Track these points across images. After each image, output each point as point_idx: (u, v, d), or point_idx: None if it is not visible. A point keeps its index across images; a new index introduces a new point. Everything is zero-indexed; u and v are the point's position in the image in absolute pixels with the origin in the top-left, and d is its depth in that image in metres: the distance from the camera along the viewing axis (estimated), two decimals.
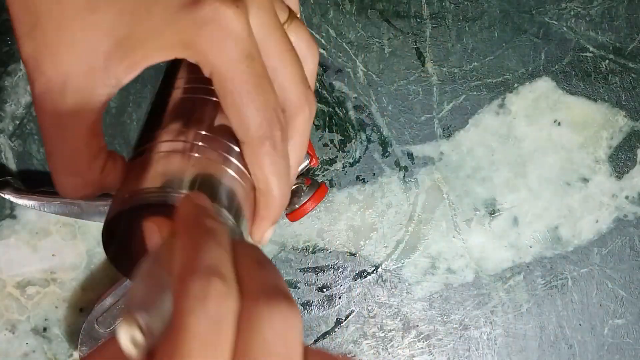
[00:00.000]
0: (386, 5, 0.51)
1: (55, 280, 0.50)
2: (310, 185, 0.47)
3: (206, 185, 0.26)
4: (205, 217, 0.22)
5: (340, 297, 0.52)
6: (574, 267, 0.53)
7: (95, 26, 0.25)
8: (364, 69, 0.51)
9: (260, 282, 0.21)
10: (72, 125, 0.26)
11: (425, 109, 0.52)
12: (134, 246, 0.28)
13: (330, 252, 0.52)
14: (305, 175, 0.48)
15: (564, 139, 0.53)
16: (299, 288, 0.52)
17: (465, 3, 0.52)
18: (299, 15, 0.32)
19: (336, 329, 0.52)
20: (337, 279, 0.52)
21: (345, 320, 0.52)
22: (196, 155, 0.27)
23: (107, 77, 0.26)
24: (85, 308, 0.50)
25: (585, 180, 0.53)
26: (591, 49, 0.52)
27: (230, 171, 0.28)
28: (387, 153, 0.52)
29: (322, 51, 0.51)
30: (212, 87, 0.27)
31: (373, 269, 0.52)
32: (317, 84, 0.51)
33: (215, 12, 0.25)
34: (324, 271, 0.52)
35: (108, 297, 0.46)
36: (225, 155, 0.28)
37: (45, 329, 0.50)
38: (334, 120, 0.51)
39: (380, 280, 0.52)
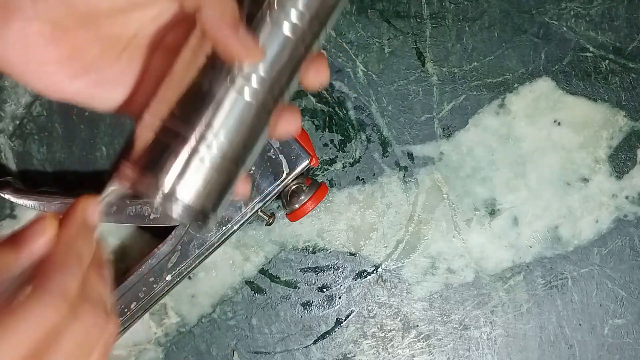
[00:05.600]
0: (386, 5, 0.51)
1: None
2: (310, 185, 0.47)
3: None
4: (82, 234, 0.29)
5: (340, 297, 0.52)
6: (574, 267, 0.53)
7: None
8: (364, 69, 0.51)
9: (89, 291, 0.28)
10: None
11: (425, 109, 0.52)
12: None
13: (330, 252, 0.52)
14: (305, 175, 0.48)
15: (564, 139, 0.53)
16: (299, 288, 0.52)
17: (465, 3, 0.52)
18: None
19: (336, 329, 0.52)
20: (337, 279, 0.52)
21: (345, 320, 0.52)
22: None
23: None
24: None
25: (585, 180, 0.53)
26: (591, 49, 0.52)
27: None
28: (387, 153, 0.52)
29: (322, 51, 0.51)
30: None
31: (373, 269, 0.52)
32: None
33: None
34: (324, 271, 0.52)
35: None
36: None
37: None
38: (334, 120, 0.51)
39: (380, 280, 0.52)
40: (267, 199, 0.47)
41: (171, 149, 0.29)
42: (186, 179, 0.30)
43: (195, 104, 0.30)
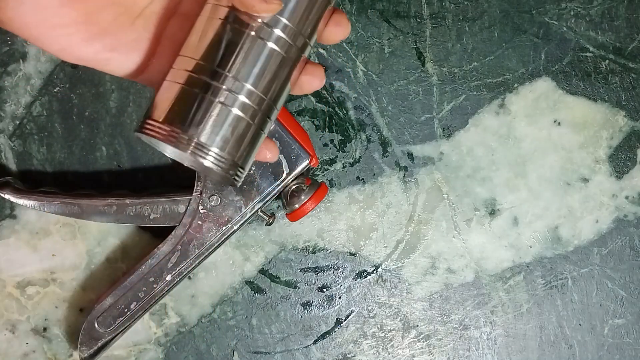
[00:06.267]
0: (386, 5, 0.51)
1: (55, 280, 0.50)
2: (310, 185, 0.47)
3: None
4: None
5: (340, 297, 0.52)
6: (574, 267, 0.53)
7: None
8: (364, 69, 0.51)
9: None
10: None
11: (425, 109, 0.52)
12: None
13: (330, 252, 0.52)
14: (305, 175, 0.48)
15: (564, 139, 0.53)
16: (299, 288, 0.52)
17: (465, 3, 0.52)
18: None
19: (336, 329, 0.52)
20: (337, 279, 0.52)
21: (345, 320, 0.52)
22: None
23: None
24: (85, 308, 0.50)
25: (585, 180, 0.53)
26: (591, 49, 0.52)
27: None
28: (387, 153, 0.52)
29: (322, 51, 0.51)
30: None
31: (373, 269, 0.52)
32: None
33: None
34: (324, 271, 0.52)
35: (108, 297, 0.46)
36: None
37: (45, 329, 0.50)
38: (334, 120, 0.51)
39: (380, 280, 0.52)
40: (267, 199, 0.47)
41: (198, 99, 0.30)
42: (215, 127, 0.30)
43: (220, 53, 0.30)
